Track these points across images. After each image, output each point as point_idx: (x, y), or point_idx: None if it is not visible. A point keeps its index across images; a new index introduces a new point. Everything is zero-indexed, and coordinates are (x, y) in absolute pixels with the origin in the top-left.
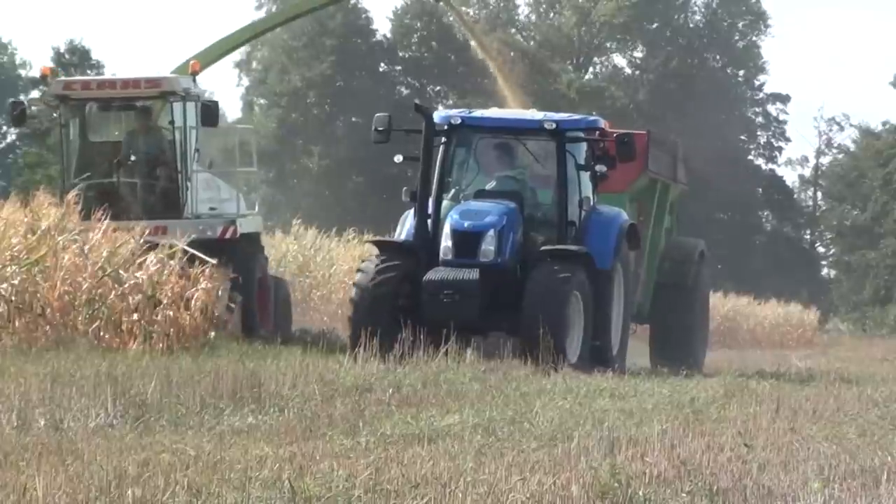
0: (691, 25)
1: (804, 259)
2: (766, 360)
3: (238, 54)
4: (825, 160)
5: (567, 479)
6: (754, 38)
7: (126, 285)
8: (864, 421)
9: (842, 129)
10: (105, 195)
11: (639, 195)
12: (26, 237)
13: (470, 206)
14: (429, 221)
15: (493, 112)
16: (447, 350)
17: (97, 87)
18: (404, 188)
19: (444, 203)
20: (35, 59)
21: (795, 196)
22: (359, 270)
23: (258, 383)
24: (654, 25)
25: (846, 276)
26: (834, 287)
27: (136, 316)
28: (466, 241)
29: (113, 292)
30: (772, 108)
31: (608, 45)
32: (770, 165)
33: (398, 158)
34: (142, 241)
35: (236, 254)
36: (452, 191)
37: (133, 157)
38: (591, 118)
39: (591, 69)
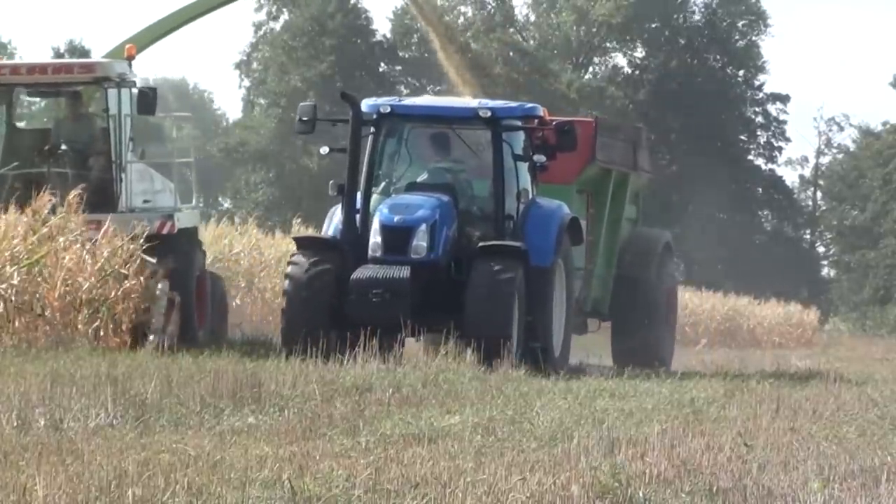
0: (691, 25)
1: (804, 259)
2: (766, 359)
3: (238, 55)
4: (825, 160)
5: (567, 478)
6: (754, 38)
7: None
8: (864, 421)
9: (841, 129)
10: (33, 186)
11: (588, 186)
12: (26, 238)
13: (400, 199)
14: (357, 217)
15: (424, 100)
16: (447, 350)
17: (27, 71)
18: (331, 181)
19: (374, 197)
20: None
21: (795, 196)
22: (290, 263)
23: (258, 383)
24: (654, 25)
25: (846, 276)
26: (834, 287)
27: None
28: (396, 236)
29: (114, 291)
30: (772, 108)
31: (608, 44)
32: (770, 165)
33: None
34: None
35: (174, 250)
36: (382, 184)
37: (63, 146)
38: (529, 105)
39: (590, 69)
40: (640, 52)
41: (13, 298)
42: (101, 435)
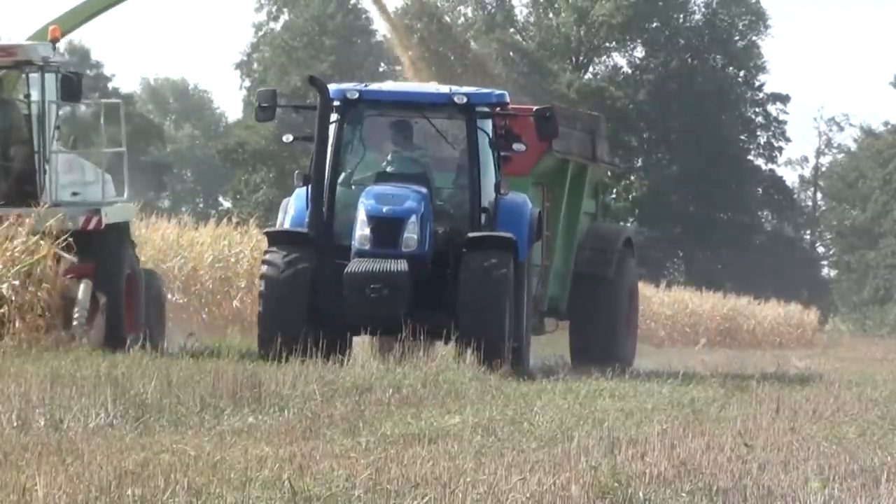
0: (691, 25)
1: (804, 259)
2: (766, 360)
3: (238, 55)
4: (825, 160)
5: (567, 479)
6: (754, 38)
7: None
8: (864, 421)
9: (842, 129)
10: None
11: (544, 178)
12: (28, 238)
13: (383, 189)
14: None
15: (393, 85)
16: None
17: None
18: (296, 171)
19: (339, 189)
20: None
21: (795, 196)
22: (265, 263)
23: (258, 383)
24: (654, 25)
25: (846, 277)
26: (834, 287)
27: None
28: (386, 228)
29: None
30: (772, 108)
31: (608, 44)
32: (770, 165)
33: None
34: None
35: (101, 247)
36: (345, 174)
37: None
38: (498, 92)
39: (590, 69)
40: (640, 52)
41: (13, 299)
42: (100, 435)
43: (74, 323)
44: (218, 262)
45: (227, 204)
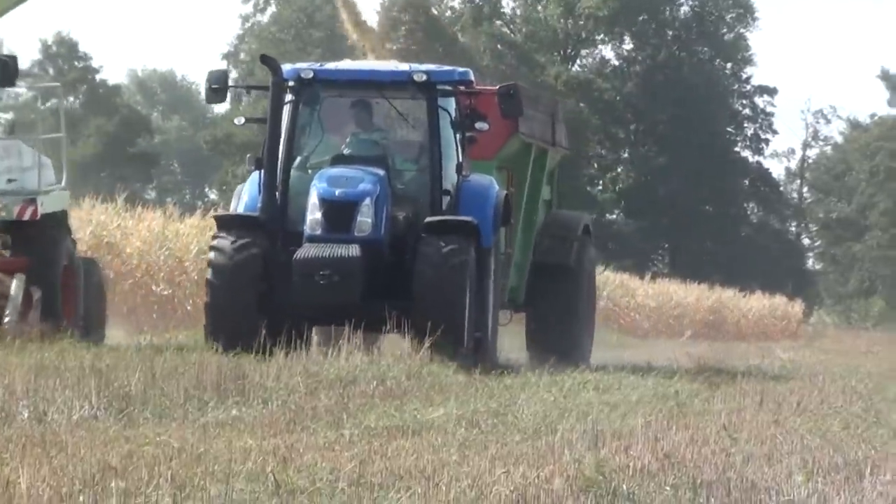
0: (679, 17)
1: (790, 251)
2: (751, 352)
3: (226, 46)
4: (812, 152)
5: (551, 471)
6: (742, 31)
7: None
8: (849, 414)
9: (829, 121)
10: None
11: (508, 162)
12: None
13: (336, 172)
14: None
15: (349, 64)
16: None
17: None
18: (248, 155)
19: (293, 172)
20: (22, 51)
21: (782, 188)
22: (212, 248)
23: (242, 375)
24: (642, 17)
25: (832, 269)
26: (819, 279)
27: None
28: (338, 211)
29: None
30: (759, 101)
31: (596, 37)
32: (757, 157)
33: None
34: None
35: (37, 238)
36: (301, 157)
37: None
38: (462, 70)
39: (578, 61)
40: (628, 45)
41: None
42: (84, 427)
43: (6, 319)
44: (203, 254)
45: (214, 195)
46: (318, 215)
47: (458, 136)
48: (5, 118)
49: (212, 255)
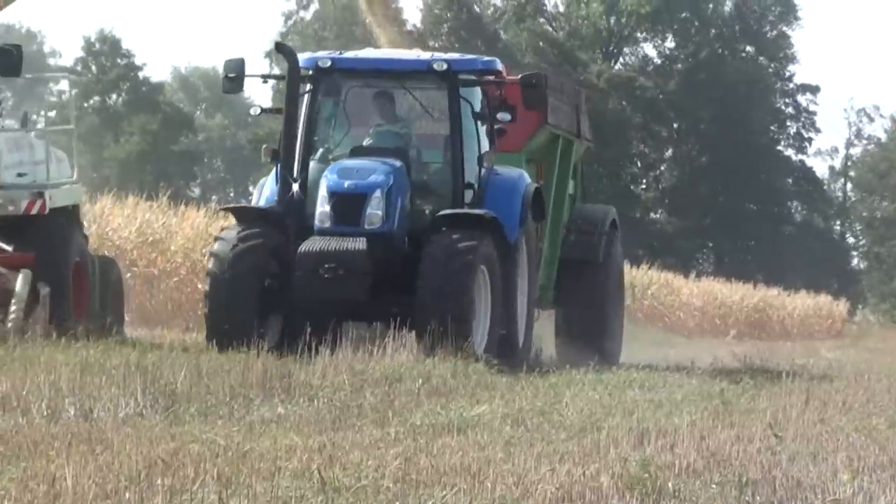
0: (721, 15)
1: (834, 250)
2: (796, 351)
3: (269, 44)
4: (855, 151)
5: (596, 469)
6: (784, 29)
7: None
8: (894, 412)
9: (872, 119)
10: None
11: (537, 154)
12: None
13: (348, 163)
14: (295, 186)
15: (369, 53)
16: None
17: None
18: (264, 146)
19: (313, 164)
20: (65, 48)
21: (825, 187)
22: (217, 239)
23: (288, 373)
24: (684, 15)
25: (876, 267)
26: (864, 278)
27: None
28: (347, 203)
29: None
30: (802, 99)
31: (638, 34)
32: (800, 156)
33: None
34: None
35: (45, 233)
36: (321, 149)
37: None
38: (487, 59)
39: (620, 59)
40: (670, 43)
41: None
42: (130, 424)
43: (11, 317)
44: None
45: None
46: (327, 208)
47: (482, 127)
48: (11, 111)
49: (215, 245)
